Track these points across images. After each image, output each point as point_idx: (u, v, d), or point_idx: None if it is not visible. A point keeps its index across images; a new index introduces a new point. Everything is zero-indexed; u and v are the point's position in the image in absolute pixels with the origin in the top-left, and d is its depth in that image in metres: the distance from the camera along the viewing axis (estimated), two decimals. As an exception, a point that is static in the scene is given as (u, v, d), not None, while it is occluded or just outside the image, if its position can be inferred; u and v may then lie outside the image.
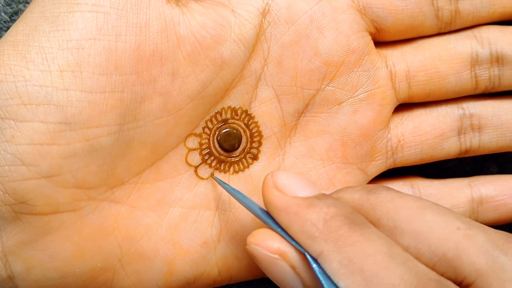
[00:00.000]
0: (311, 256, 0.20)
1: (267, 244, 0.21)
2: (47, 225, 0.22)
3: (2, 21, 0.29)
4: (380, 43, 0.25)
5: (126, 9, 0.22)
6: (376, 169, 0.26)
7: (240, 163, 0.25)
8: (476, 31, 0.26)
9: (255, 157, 0.25)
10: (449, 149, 0.26)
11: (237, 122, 0.25)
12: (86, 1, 0.21)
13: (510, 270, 0.19)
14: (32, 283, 0.22)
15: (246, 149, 0.25)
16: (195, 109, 0.24)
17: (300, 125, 0.25)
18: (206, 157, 0.25)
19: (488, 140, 0.26)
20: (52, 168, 0.21)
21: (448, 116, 0.26)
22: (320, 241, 0.20)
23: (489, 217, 0.26)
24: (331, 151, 0.25)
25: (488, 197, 0.26)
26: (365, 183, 0.26)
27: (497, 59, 0.25)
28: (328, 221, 0.20)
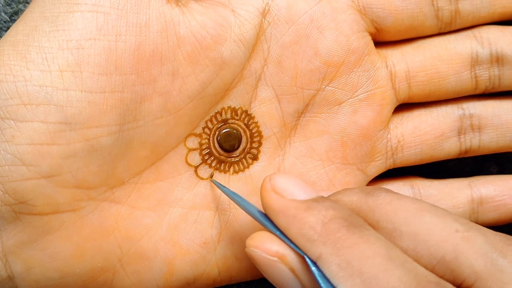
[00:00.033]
0: (310, 259, 0.20)
1: (266, 246, 0.21)
2: (47, 225, 0.22)
3: (2, 21, 0.28)
4: (380, 43, 0.25)
5: (126, 9, 0.22)
6: (376, 169, 0.26)
7: (240, 163, 0.25)
8: (476, 31, 0.26)
9: (255, 157, 0.25)
10: (449, 149, 0.26)
11: (237, 122, 0.25)
12: (86, 1, 0.21)
13: (509, 272, 0.19)
14: (32, 283, 0.22)
15: (246, 149, 0.25)
16: (195, 109, 0.24)
17: (300, 125, 0.25)
18: (206, 157, 0.25)
19: (488, 140, 0.26)
20: (52, 168, 0.21)
21: (448, 116, 0.26)
22: (318, 244, 0.20)
23: (489, 217, 0.26)
24: (331, 151, 0.25)
25: (488, 197, 0.26)
26: (365, 184, 0.26)
27: (497, 59, 0.25)
28: (326, 223, 0.20)
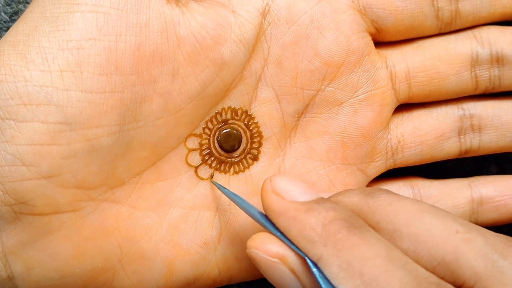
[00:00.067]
0: (311, 260, 0.20)
1: (267, 248, 0.21)
2: (47, 225, 0.22)
3: (2, 21, 0.28)
4: (380, 44, 0.25)
5: (126, 9, 0.22)
6: (376, 170, 0.26)
7: (240, 163, 0.25)
8: (476, 31, 0.26)
9: (255, 158, 0.25)
10: (449, 150, 0.26)
11: (237, 122, 0.25)
12: (86, 1, 0.21)
13: (509, 273, 0.19)
14: (32, 284, 0.22)
15: (246, 150, 0.25)
16: (195, 110, 0.24)
17: (300, 126, 0.25)
18: (206, 158, 0.25)
19: (488, 140, 0.26)
20: (52, 168, 0.21)
21: (448, 116, 0.26)
22: (319, 245, 0.20)
23: (489, 217, 0.26)
24: (331, 152, 0.25)
25: (488, 198, 0.26)
26: (365, 184, 0.26)
27: (497, 60, 0.25)
28: (327, 225, 0.20)
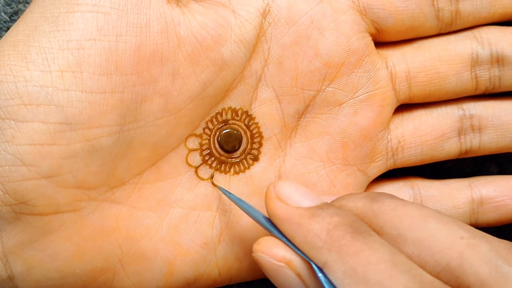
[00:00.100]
0: (316, 265, 0.20)
1: (273, 252, 0.21)
2: (47, 225, 0.22)
3: (2, 21, 0.28)
4: (380, 44, 0.25)
5: (126, 10, 0.22)
6: (376, 170, 0.26)
7: (240, 164, 0.25)
8: (476, 31, 0.26)
9: (256, 158, 0.25)
10: (449, 150, 0.26)
11: (237, 123, 0.25)
12: (86, 1, 0.21)
13: None
14: (32, 284, 0.22)
15: (246, 150, 0.25)
16: (196, 110, 0.24)
17: (300, 126, 0.25)
18: (206, 158, 0.25)
19: (488, 140, 0.26)
20: (52, 168, 0.21)
21: (448, 117, 0.26)
22: (323, 251, 0.20)
23: (489, 218, 0.26)
24: (331, 152, 0.25)
25: (488, 198, 0.26)
26: (366, 185, 0.26)
27: (497, 60, 0.25)
28: (331, 230, 0.20)
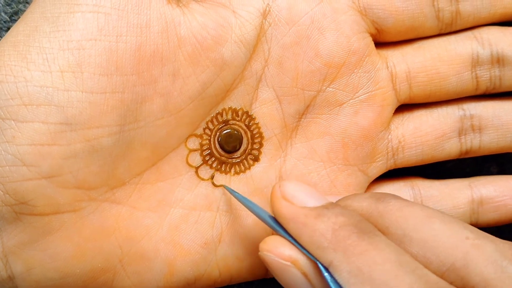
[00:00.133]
0: (322, 264, 0.20)
1: (279, 251, 0.21)
2: (47, 225, 0.22)
3: (2, 21, 0.28)
4: (380, 44, 0.25)
5: (127, 10, 0.22)
6: (377, 170, 0.26)
7: (241, 164, 0.25)
8: (476, 32, 0.26)
9: (256, 159, 0.25)
10: (450, 150, 0.26)
11: (238, 123, 0.25)
12: (86, 1, 0.21)
13: None
14: (32, 284, 0.22)
15: (247, 151, 0.25)
16: (196, 110, 0.24)
17: (301, 127, 0.25)
18: (207, 158, 0.25)
19: (488, 141, 0.26)
20: (52, 168, 0.21)
21: (448, 117, 0.26)
22: (329, 251, 0.20)
23: (489, 217, 0.26)
24: (332, 152, 0.25)
25: (488, 198, 0.26)
26: (366, 185, 0.26)
27: (498, 60, 0.25)
28: (336, 230, 0.20)
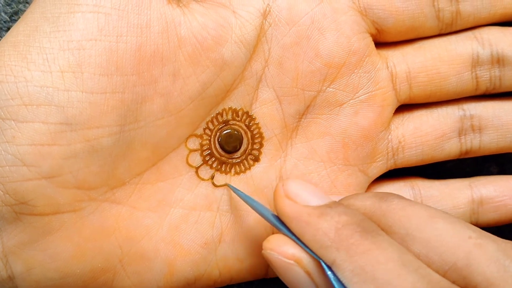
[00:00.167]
0: (325, 263, 0.20)
1: (283, 249, 0.21)
2: (47, 225, 0.22)
3: (2, 21, 0.28)
4: (380, 44, 0.25)
5: (127, 10, 0.22)
6: (377, 170, 0.26)
7: (241, 164, 0.25)
8: (476, 32, 0.26)
9: (256, 159, 0.25)
10: (450, 150, 0.26)
11: (238, 123, 0.25)
12: (87, 1, 0.21)
13: None
14: (32, 284, 0.22)
15: (247, 151, 0.25)
16: (196, 110, 0.24)
17: (301, 127, 0.25)
18: (207, 158, 0.25)
19: (488, 141, 0.26)
20: (52, 168, 0.21)
21: (448, 117, 0.26)
22: (332, 250, 0.20)
23: (489, 218, 0.26)
24: (332, 152, 0.25)
25: (488, 198, 0.26)
26: (367, 185, 0.26)
27: (498, 60, 0.25)
28: (339, 229, 0.20)
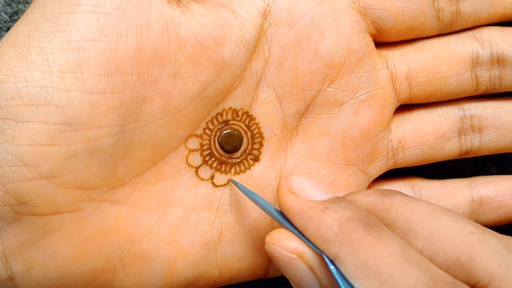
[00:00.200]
0: (328, 257, 0.20)
1: (285, 244, 0.21)
2: (47, 225, 0.22)
3: (2, 21, 0.28)
4: (380, 44, 0.25)
5: (127, 10, 0.22)
6: (377, 170, 0.26)
7: (241, 164, 0.25)
8: (476, 32, 0.26)
9: (256, 159, 0.25)
10: (450, 150, 0.26)
11: (238, 123, 0.25)
12: (87, 1, 0.21)
13: None
14: (32, 284, 0.22)
15: (247, 151, 0.25)
16: (196, 110, 0.24)
17: (301, 127, 0.25)
18: (207, 158, 0.25)
19: (488, 141, 0.26)
20: (52, 168, 0.21)
21: (448, 117, 0.26)
22: (335, 244, 0.20)
23: (489, 218, 0.26)
24: (332, 152, 0.25)
25: (488, 198, 0.26)
26: (367, 185, 0.26)
27: (498, 60, 0.25)
28: (343, 224, 0.20)
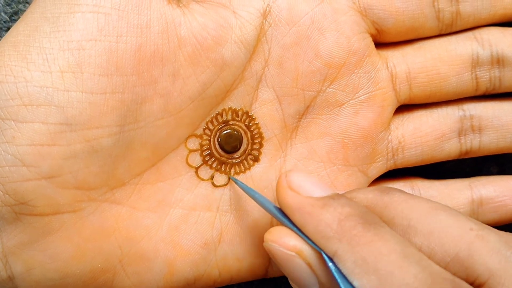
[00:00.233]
0: (327, 254, 0.20)
1: (284, 241, 0.21)
2: (47, 226, 0.22)
3: (2, 21, 0.28)
4: (380, 45, 0.25)
5: (127, 10, 0.22)
6: (376, 170, 0.26)
7: (241, 164, 0.25)
8: (476, 32, 0.26)
9: (256, 159, 0.25)
10: (450, 150, 0.26)
11: (238, 123, 0.25)
12: (87, 1, 0.21)
13: None
14: (32, 284, 0.22)
15: (247, 151, 0.25)
16: (196, 110, 0.24)
17: (301, 127, 0.25)
18: (207, 158, 0.25)
19: (488, 141, 0.26)
20: (52, 169, 0.21)
21: (448, 117, 0.26)
22: (334, 241, 0.20)
23: (489, 218, 0.26)
24: (332, 153, 0.25)
25: (488, 198, 0.26)
26: (367, 185, 0.26)
27: (498, 61, 0.25)
28: (342, 221, 0.20)
